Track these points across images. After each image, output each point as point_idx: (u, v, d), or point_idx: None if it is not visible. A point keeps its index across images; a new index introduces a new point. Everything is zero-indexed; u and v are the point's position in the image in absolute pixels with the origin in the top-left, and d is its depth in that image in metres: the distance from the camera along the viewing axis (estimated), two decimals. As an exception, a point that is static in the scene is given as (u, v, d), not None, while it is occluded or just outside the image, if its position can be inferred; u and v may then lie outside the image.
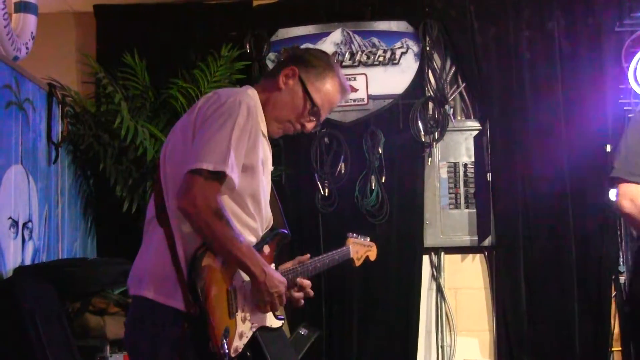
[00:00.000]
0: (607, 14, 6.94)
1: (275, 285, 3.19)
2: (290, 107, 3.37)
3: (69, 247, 6.60)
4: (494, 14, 7.12)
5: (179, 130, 3.25)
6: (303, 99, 3.36)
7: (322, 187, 7.10)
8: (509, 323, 6.92)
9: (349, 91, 3.53)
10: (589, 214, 6.86)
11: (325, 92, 3.40)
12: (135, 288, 3.18)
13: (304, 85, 3.36)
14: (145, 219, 3.28)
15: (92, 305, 5.66)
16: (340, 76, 3.46)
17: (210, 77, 6.78)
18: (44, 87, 6.19)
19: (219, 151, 3.03)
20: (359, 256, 4.28)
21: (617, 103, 6.78)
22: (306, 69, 3.38)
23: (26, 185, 5.80)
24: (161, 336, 3.06)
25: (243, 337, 3.21)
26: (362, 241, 4.30)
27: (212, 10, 7.39)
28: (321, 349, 6.98)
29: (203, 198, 2.99)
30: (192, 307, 2.99)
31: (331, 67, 3.44)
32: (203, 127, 3.11)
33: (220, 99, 3.17)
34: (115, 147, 6.61)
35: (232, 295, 3.16)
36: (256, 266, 3.12)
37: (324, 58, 3.50)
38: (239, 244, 3.06)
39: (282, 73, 3.36)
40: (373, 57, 7.13)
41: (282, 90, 3.35)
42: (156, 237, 3.15)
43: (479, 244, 7.05)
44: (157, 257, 3.11)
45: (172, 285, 3.05)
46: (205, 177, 3.00)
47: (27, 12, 6.06)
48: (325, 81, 3.40)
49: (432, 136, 7.09)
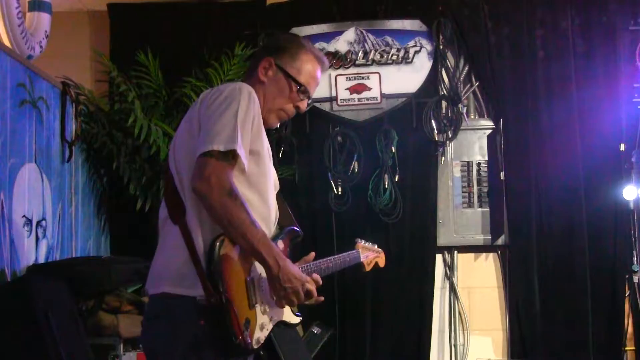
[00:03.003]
0: (621, 13, 6.93)
1: (289, 280, 3.11)
2: (279, 95, 3.42)
3: (83, 246, 6.62)
4: (508, 12, 7.11)
5: (184, 126, 3.30)
6: (287, 83, 3.42)
7: (335, 186, 7.10)
8: (522, 322, 6.91)
9: (326, 62, 3.58)
10: (602, 212, 6.84)
11: (305, 70, 3.45)
12: (153, 287, 3.18)
13: (283, 70, 3.42)
14: (159, 221, 3.29)
15: (106, 304, 5.66)
16: (313, 50, 3.53)
17: (223, 75, 6.78)
18: (57, 86, 6.20)
19: (226, 132, 3.07)
20: (369, 261, 4.25)
21: (631, 101, 6.77)
22: (279, 55, 3.44)
23: (40, 183, 5.82)
24: (177, 334, 3.06)
25: (264, 329, 3.19)
26: (371, 247, 4.29)
27: (225, 8, 7.39)
28: (334, 348, 6.98)
29: (217, 178, 3.00)
30: (212, 296, 2.98)
31: (301, 44, 3.51)
32: (207, 115, 3.14)
33: (220, 89, 3.23)
34: (128, 146, 6.62)
35: (250, 286, 3.14)
36: (270, 256, 3.08)
37: (291, 39, 3.60)
38: (255, 229, 3.04)
39: (259, 66, 3.42)
40: (386, 55, 7.12)
41: (265, 82, 3.41)
42: (171, 236, 3.16)
43: (492, 243, 7.04)
44: (175, 255, 3.11)
45: (192, 279, 3.04)
46: (217, 158, 3.03)
47: (41, 10, 6.07)
48: (301, 59, 3.46)
49: (445, 135, 7.09)
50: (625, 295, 6.80)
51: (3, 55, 5.28)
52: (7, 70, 5.32)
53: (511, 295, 7.00)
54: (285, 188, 3.55)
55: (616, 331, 6.79)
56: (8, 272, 5.22)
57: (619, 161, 6.75)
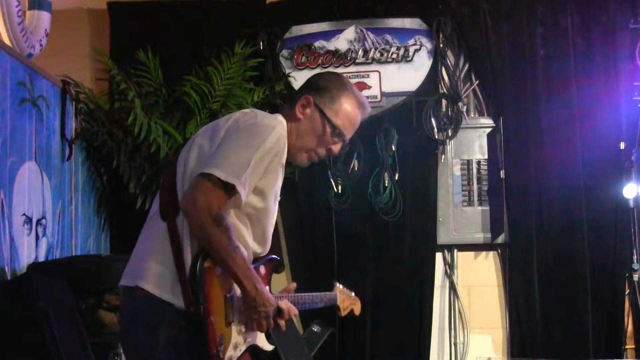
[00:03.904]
0: (621, 11, 6.93)
1: (264, 305, 3.14)
2: (312, 134, 3.39)
3: (83, 244, 6.62)
4: (508, 11, 7.11)
5: (208, 131, 3.26)
6: (322, 124, 3.37)
7: (335, 185, 7.09)
8: (522, 320, 6.92)
9: (368, 107, 3.51)
10: (602, 211, 6.84)
11: (344, 113, 3.40)
12: (130, 278, 3.17)
13: (321, 110, 3.37)
14: (149, 214, 3.29)
15: (106, 302, 5.66)
16: (356, 93, 3.46)
17: (223, 74, 6.78)
18: (57, 84, 6.20)
19: (236, 165, 3.04)
20: (345, 306, 4.28)
21: (631, 100, 6.77)
22: (320, 95, 3.38)
23: (40, 182, 5.82)
24: (157, 335, 3.06)
25: (237, 349, 3.19)
26: (348, 293, 4.31)
27: (225, 7, 7.38)
28: (334, 347, 6.98)
29: (205, 201, 2.99)
30: (192, 305, 2.99)
31: (344, 86, 3.44)
32: (230, 137, 3.13)
33: (257, 117, 3.20)
34: (128, 144, 6.61)
35: (230, 303, 3.15)
36: (248, 280, 3.08)
37: (336, 79, 3.49)
38: (234, 254, 3.04)
39: (298, 104, 3.38)
40: (386, 54, 7.12)
41: (301, 120, 3.37)
42: (157, 231, 3.17)
43: (492, 241, 7.05)
44: (158, 251, 3.12)
45: (172, 280, 3.05)
46: (213, 183, 3.01)
47: (41, 9, 6.07)
48: (342, 101, 3.40)
49: (445, 133, 7.09)
50: (625, 293, 6.81)
51: (3, 54, 5.28)
52: (7, 68, 5.31)
53: (511, 294, 7.01)
54: (286, 187, 3.53)
55: (616, 329, 6.80)
56: (8, 271, 5.21)
57: (619, 159, 6.76)
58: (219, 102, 6.74)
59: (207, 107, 6.73)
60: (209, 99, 6.74)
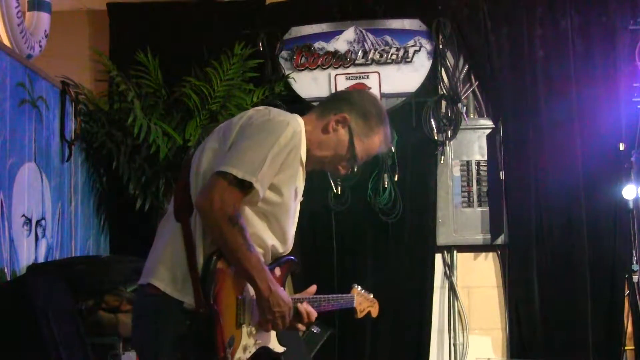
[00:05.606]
0: (621, 12, 6.92)
1: (278, 304, 3.14)
2: (334, 151, 3.38)
3: (82, 245, 6.62)
4: (507, 12, 7.11)
5: (221, 131, 3.26)
6: (347, 148, 3.36)
7: (334, 185, 7.08)
8: (521, 321, 6.91)
9: (391, 145, 3.53)
10: (602, 212, 6.84)
11: (368, 145, 3.41)
12: (143, 276, 3.20)
13: (351, 135, 3.35)
14: (165, 214, 3.30)
15: (105, 303, 5.66)
16: (387, 132, 3.47)
17: (223, 75, 6.78)
18: (57, 85, 6.20)
19: (252, 162, 3.04)
20: (362, 309, 4.24)
21: (630, 101, 6.75)
22: (358, 119, 3.37)
23: (39, 183, 5.82)
24: (164, 332, 3.06)
25: (246, 351, 3.18)
26: (366, 295, 4.27)
27: (225, 8, 7.39)
28: (334, 348, 6.97)
29: (220, 201, 2.98)
30: (202, 306, 2.99)
31: (382, 121, 3.44)
32: (244, 135, 3.12)
33: (271, 113, 3.19)
34: (128, 145, 6.62)
35: (241, 305, 3.15)
36: (262, 281, 3.08)
37: (378, 110, 3.47)
38: (249, 254, 3.03)
39: (333, 118, 3.36)
40: (386, 55, 7.11)
41: (330, 133, 3.36)
42: (171, 231, 3.17)
43: (492, 242, 7.05)
44: (171, 250, 3.13)
45: (183, 279, 3.06)
46: (229, 182, 3.01)
47: (40, 10, 6.08)
48: (373, 135, 3.41)
49: (445, 134, 7.09)
50: (624, 294, 6.80)
51: (3, 55, 5.28)
52: (7, 69, 5.32)
53: (510, 295, 7.00)
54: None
55: (615, 330, 6.79)
56: (7, 272, 5.22)
57: (618, 160, 6.75)
58: (219, 103, 6.74)
59: (206, 108, 6.73)
60: (208, 100, 6.74)
